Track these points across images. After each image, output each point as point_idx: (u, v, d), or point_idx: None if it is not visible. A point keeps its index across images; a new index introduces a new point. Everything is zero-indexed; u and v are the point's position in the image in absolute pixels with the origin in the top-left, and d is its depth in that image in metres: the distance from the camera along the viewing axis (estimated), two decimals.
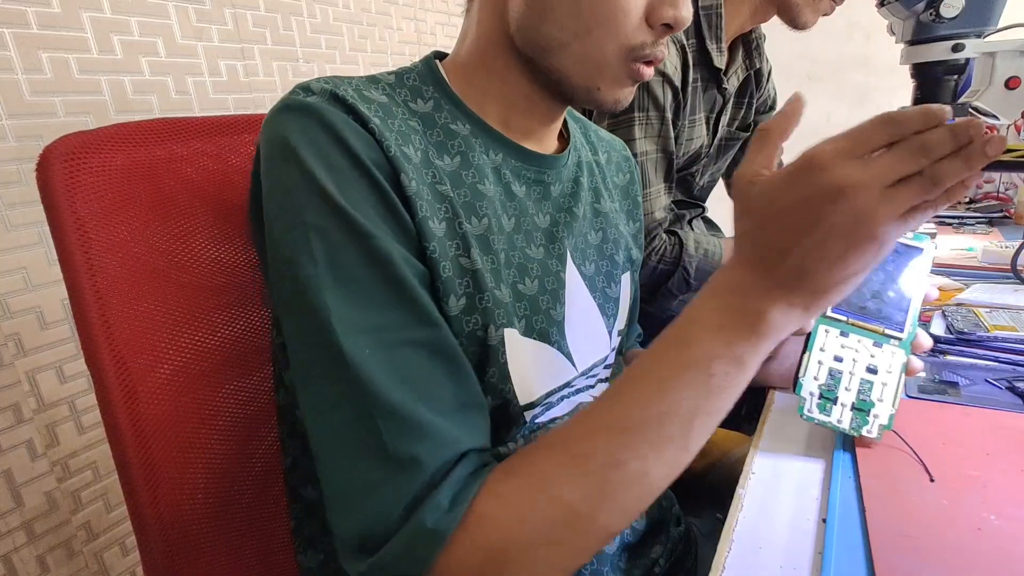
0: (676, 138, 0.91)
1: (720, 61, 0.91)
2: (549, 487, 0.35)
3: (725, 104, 0.99)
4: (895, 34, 0.83)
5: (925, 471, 0.42)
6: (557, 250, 0.50)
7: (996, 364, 0.60)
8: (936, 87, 0.79)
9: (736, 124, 1.08)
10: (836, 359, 0.47)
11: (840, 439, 0.48)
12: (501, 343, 0.43)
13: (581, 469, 0.35)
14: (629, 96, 0.48)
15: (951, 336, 0.66)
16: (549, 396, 0.49)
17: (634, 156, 0.68)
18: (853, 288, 0.35)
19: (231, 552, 0.52)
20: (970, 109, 0.75)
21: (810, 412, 0.47)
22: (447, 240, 0.42)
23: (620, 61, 0.44)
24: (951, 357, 0.62)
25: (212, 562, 0.50)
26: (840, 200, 0.31)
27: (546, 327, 0.48)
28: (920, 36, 0.76)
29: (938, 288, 0.50)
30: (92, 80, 0.87)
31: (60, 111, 0.83)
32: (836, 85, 2.13)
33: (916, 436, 0.45)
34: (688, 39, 0.88)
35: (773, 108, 1.17)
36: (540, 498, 0.35)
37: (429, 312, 0.39)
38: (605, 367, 0.57)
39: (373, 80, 0.45)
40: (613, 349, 0.58)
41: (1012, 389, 0.54)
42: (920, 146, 0.30)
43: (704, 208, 1.16)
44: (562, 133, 0.57)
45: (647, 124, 0.87)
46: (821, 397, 0.46)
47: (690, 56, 0.88)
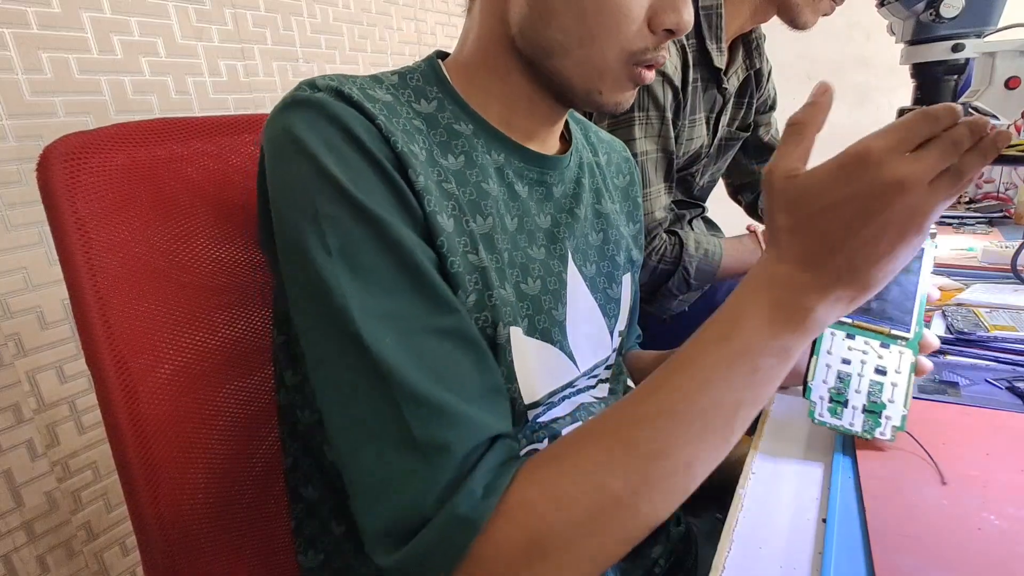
0: (676, 138, 0.91)
1: (720, 61, 0.91)
2: (592, 474, 0.34)
3: (725, 104, 0.99)
4: (895, 34, 0.83)
5: (937, 472, 0.42)
6: (558, 251, 0.50)
7: (996, 364, 0.60)
8: (936, 87, 0.79)
9: (736, 124, 1.08)
10: (844, 362, 0.46)
11: (840, 439, 0.48)
12: (507, 342, 0.43)
13: (626, 457, 0.34)
14: (630, 99, 0.48)
15: (951, 336, 0.66)
16: (552, 396, 0.49)
17: (634, 156, 0.68)
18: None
19: (232, 552, 0.52)
20: (970, 109, 0.75)
21: (821, 416, 0.46)
22: (456, 236, 0.41)
23: (621, 65, 0.44)
24: (951, 357, 0.62)
25: (212, 562, 0.50)
26: (898, 195, 0.31)
27: (548, 327, 0.48)
28: (920, 36, 0.76)
29: (938, 288, 0.50)
30: (92, 80, 0.87)
31: (60, 111, 0.83)
32: (836, 85, 2.10)
33: (916, 436, 0.45)
34: (688, 39, 0.88)
35: (773, 108, 1.17)
36: (583, 485, 0.34)
37: (447, 298, 0.39)
38: (606, 368, 0.57)
39: (377, 79, 0.45)
40: (614, 350, 0.58)
41: (1012, 389, 0.54)
42: (953, 141, 0.31)
43: (704, 208, 1.16)
44: (564, 134, 0.57)
45: (647, 124, 0.87)
46: (831, 400, 0.46)
47: (690, 56, 0.89)
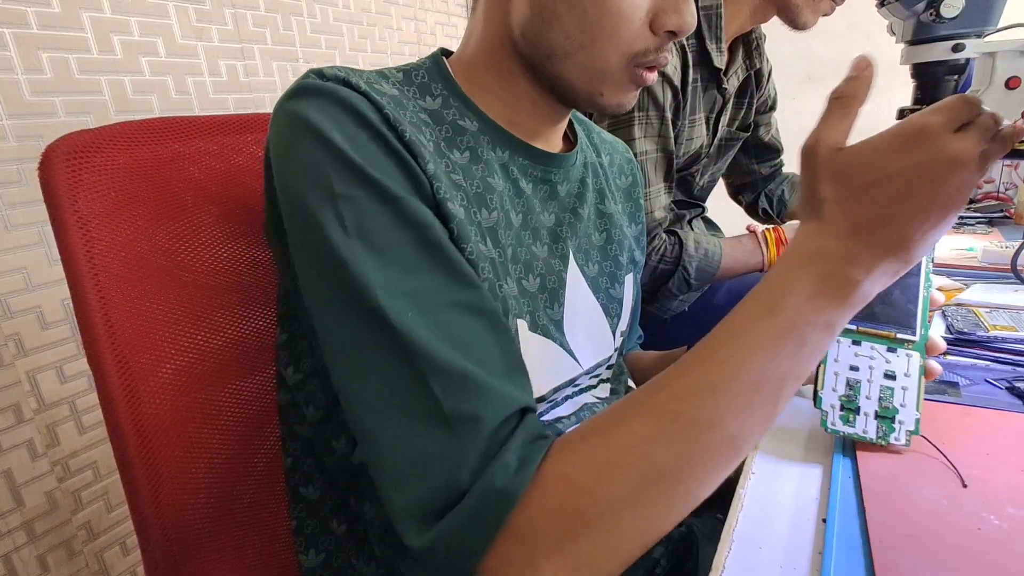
0: (676, 138, 0.91)
1: (720, 61, 0.91)
2: (638, 447, 0.33)
3: (725, 104, 0.99)
4: (895, 34, 0.83)
5: (957, 476, 0.42)
6: (560, 250, 0.51)
7: (996, 364, 0.60)
8: (936, 87, 0.79)
9: (736, 124, 1.08)
10: (852, 369, 0.46)
11: (840, 439, 0.48)
12: (516, 334, 0.43)
13: (673, 430, 0.33)
14: (632, 101, 0.48)
15: (951, 336, 0.66)
16: (555, 392, 0.49)
17: (634, 156, 0.68)
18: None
19: (233, 551, 0.52)
20: None
21: (834, 425, 0.46)
22: (467, 224, 0.41)
23: (623, 67, 0.44)
24: (951, 357, 0.62)
25: (214, 561, 0.50)
26: (953, 169, 0.32)
27: (547, 324, 0.48)
28: (920, 36, 0.76)
29: (938, 288, 0.50)
30: (92, 80, 0.87)
31: (60, 111, 0.83)
32: (836, 85, 2.13)
33: (916, 436, 0.45)
34: (688, 39, 0.88)
35: (773, 108, 1.17)
36: (629, 457, 0.33)
37: (467, 273, 0.39)
38: (607, 367, 0.57)
39: (382, 75, 0.45)
40: (616, 350, 0.58)
41: (1012, 389, 0.54)
42: (985, 126, 0.33)
43: (704, 208, 1.17)
44: (567, 134, 0.57)
45: (647, 124, 0.87)
46: (843, 408, 0.46)
47: (690, 56, 0.89)
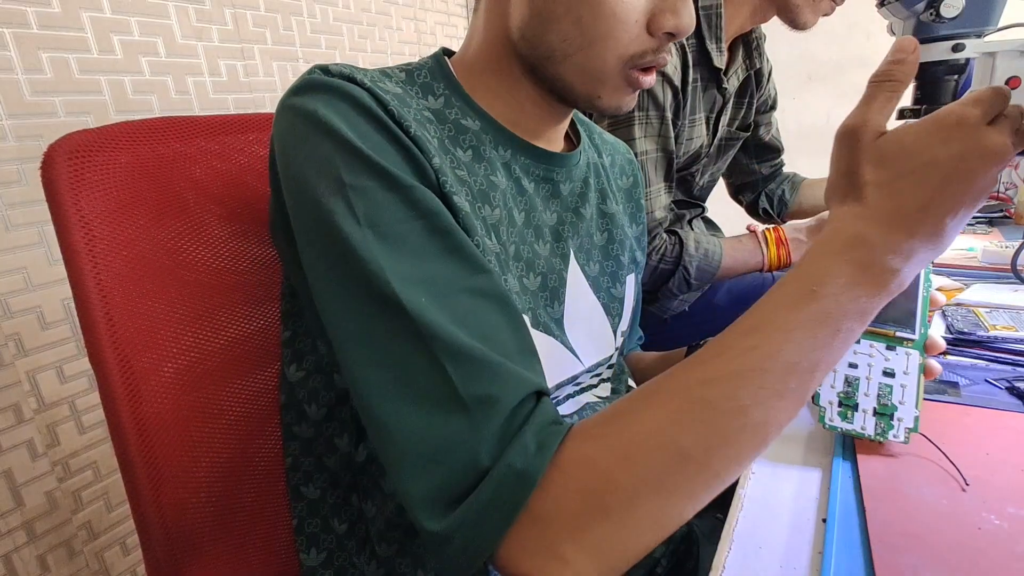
0: (676, 138, 0.91)
1: (720, 61, 0.91)
2: (661, 432, 0.32)
3: (725, 104, 0.99)
4: (895, 34, 0.83)
5: (960, 476, 0.42)
6: (561, 249, 0.51)
7: (996, 364, 0.60)
8: (936, 87, 0.79)
9: (736, 124, 1.08)
10: (851, 366, 0.46)
11: (840, 439, 0.48)
12: None
13: (700, 414, 0.33)
14: (631, 102, 0.48)
15: (951, 336, 0.66)
16: (558, 390, 0.49)
17: (634, 156, 0.68)
18: None
19: (234, 551, 0.52)
20: None
21: (832, 421, 0.46)
22: (472, 218, 0.41)
23: (620, 70, 0.44)
24: (951, 357, 0.63)
25: (215, 561, 0.50)
26: (989, 160, 0.33)
27: (548, 322, 0.48)
28: (920, 36, 0.76)
29: (938, 288, 0.50)
30: (92, 80, 0.87)
31: (60, 111, 0.83)
32: (836, 85, 2.13)
33: (916, 436, 0.45)
34: (688, 39, 0.88)
35: (773, 108, 1.17)
36: (652, 441, 0.32)
37: (478, 259, 0.39)
38: (608, 367, 0.57)
39: (385, 74, 0.45)
40: (617, 349, 0.58)
41: (1012, 389, 0.54)
42: (1015, 118, 0.34)
43: (704, 208, 1.17)
44: (569, 134, 0.57)
45: (647, 124, 0.87)
46: (841, 405, 0.46)
47: (690, 56, 0.89)
